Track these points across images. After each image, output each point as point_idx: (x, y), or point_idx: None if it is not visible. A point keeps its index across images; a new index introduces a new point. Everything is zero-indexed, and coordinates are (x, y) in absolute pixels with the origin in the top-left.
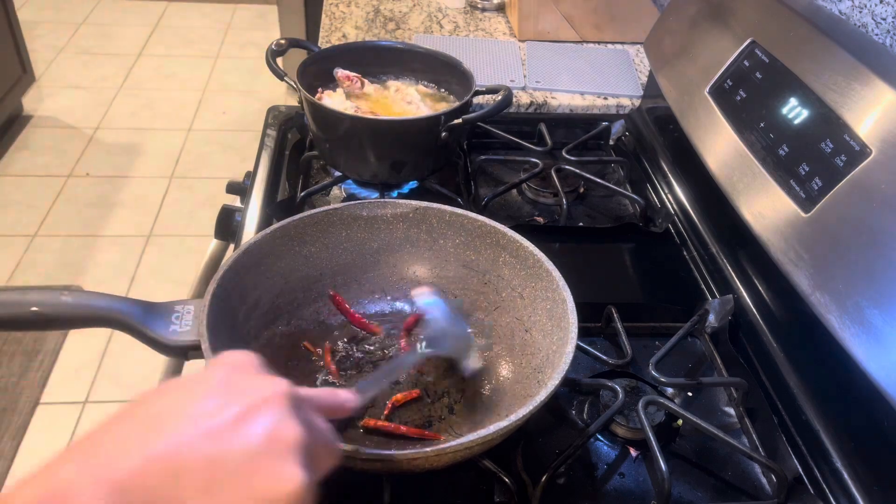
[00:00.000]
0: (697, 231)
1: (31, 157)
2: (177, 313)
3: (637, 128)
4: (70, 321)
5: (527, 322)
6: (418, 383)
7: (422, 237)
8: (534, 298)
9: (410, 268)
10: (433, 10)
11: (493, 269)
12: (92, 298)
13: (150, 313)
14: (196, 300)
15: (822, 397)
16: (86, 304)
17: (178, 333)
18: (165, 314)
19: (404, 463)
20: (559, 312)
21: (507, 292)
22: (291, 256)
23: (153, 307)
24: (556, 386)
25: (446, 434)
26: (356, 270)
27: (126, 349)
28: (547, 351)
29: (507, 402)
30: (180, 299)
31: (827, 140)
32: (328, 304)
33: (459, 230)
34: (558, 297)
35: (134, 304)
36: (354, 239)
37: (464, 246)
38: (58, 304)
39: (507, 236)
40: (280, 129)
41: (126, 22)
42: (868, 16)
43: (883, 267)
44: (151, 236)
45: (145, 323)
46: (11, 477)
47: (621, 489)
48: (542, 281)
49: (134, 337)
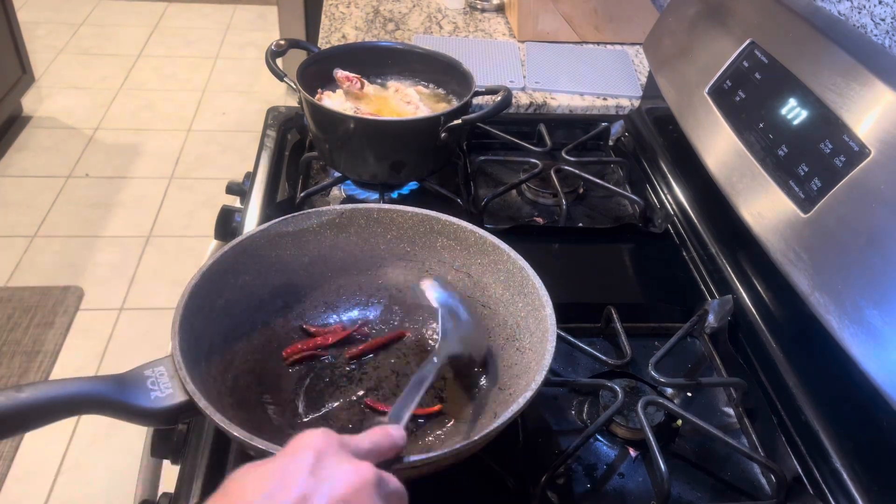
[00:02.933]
0: (697, 231)
1: (30, 158)
2: (150, 378)
3: (636, 128)
4: (37, 419)
5: (482, 298)
6: (399, 384)
7: (351, 240)
8: (482, 274)
9: (345, 274)
10: (433, 10)
11: (432, 255)
12: (56, 387)
13: (125, 386)
14: (164, 359)
15: (822, 397)
16: (51, 395)
17: (162, 399)
18: (139, 382)
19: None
20: (517, 281)
21: (452, 274)
22: (229, 290)
23: (124, 379)
24: (548, 361)
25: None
26: (294, 289)
27: (126, 351)
28: (515, 318)
29: (493, 372)
30: (145, 363)
31: (826, 140)
32: (276, 332)
33: (390, 226)
34: (513, 267)
35: (103, 381)
36: (285, 257)
37: (397, 240)
38: (15, 403)
39: (441, 221)
40: (280, 129)
41: (126, 22)
42: (867, 16)
43: (882, 267)
44: (151, 237)
45: (124, 398)
46: (11, 478)
47: (621, 489)
48: (489, 255)
49: (114, 416)
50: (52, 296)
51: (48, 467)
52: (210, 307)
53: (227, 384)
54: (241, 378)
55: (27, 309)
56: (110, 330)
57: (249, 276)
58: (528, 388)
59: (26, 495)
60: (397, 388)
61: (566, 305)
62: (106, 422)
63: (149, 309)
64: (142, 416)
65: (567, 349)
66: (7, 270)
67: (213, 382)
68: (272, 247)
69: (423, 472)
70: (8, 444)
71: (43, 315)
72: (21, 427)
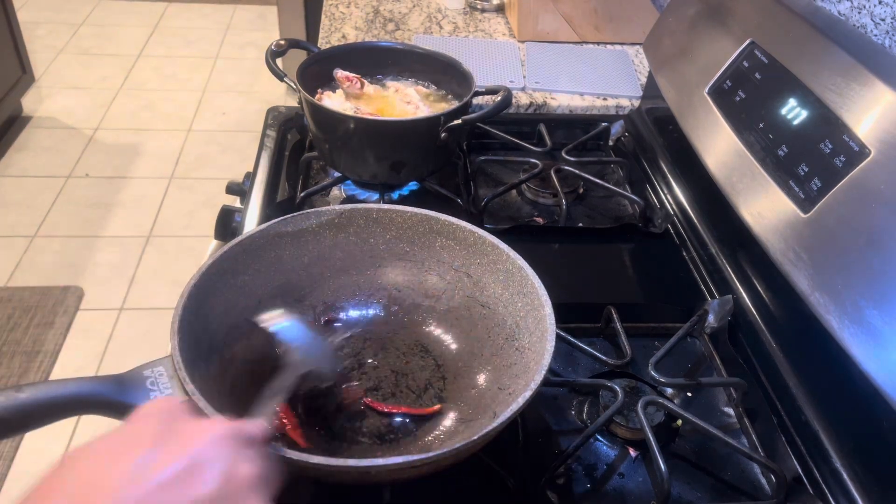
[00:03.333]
0: (697, 231)
1: (30, 158)
2: (150, 378)
3: (636, 128)
4: (37, 419)
5: (481, 298)
6: (398, 384)
7: (351, 240)
8: (482, 274)
9: (344, 274)
10: (433, 10)
11: (431, 255)
12: (55, 388)
13: (124, 386)
14: (163, 359)
15: (822, 397)
16: (51, 395)
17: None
18: (139, 383)
19: (383, 473)
20: (516, 281)
21: (451, 274)
22: (228, 290)
23: (123, 379)
24: (548, 361)
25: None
26: (292, 289)
27: (126, 351)
28: (515, 318)
29: (490, 373)
30: (145, 364)
31: (826, 140)
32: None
33: (389, 226)
34: (512, 267)
35: (102, 381)
36: (284, 257)
37: (396, 240)
38: (15, 404)
39: (440, 221)
40: (280, 129)
41: (126, 22)
42: (867, 16)
43: (882, 267)
44: (151, 237)
45: (123, 398)
46: (11, 478)
47: (621, 489)
48: (488, 255)
49: (113, 417)
50: (52, 296)
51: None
52: (210, 307)
53: (226, 384)
54: (240, 379)
55: (27, 309)
56: (110, 330)
57: (249, 276)
58: (528, 387)
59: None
60: (397, 388)
61: (566, 305)
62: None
63: (149, 309)
64: None
65: (567, 349)
66: (7, 270)
67: (213, 383)
68: (271, 247)
69: (422, 472)
70: (8, 444)
71: (43, 315)
72: (21, 427)
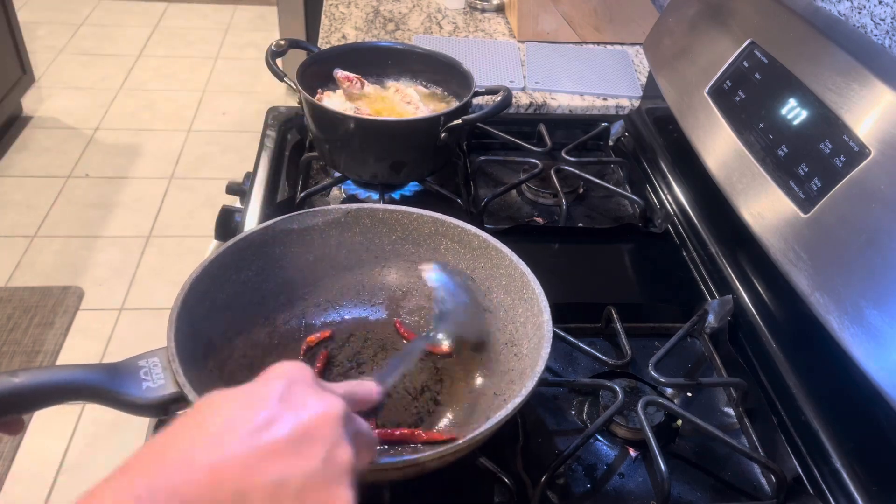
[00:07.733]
0: (697, 231)
1: (30, 158)
2: (144, 368)
3: (636, 128)
4: (31, 403)
5: (484, 301)
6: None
7: (356, 239)
8: (486, 278)
9: (348, 273)
10: (433, 10)
11: (436, 257)
12: (49, 373)
13: (117, 375)
14: (159, 350)
15: (822, 397)
16: (45, 381)
17: (154, 390)
18: (133, 372)
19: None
20: (518, 286)
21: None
22: (231, 285)
23: (117, 368)
24: (542, 365)
25: (438, 427)
26: (296, 286)
27: (126, 351)
28: (515, 324)
29: (487, 378)
30: (141, 353)
31: (826, 141)
32: (277, 329)
33: (395, 226)
34: (514, 272)
35: (96, 369)
36: (288, 255)
37: (401, 241)
38: (10, 388)
39: (446, 223)
40: (280, 129)
41: (126, 23)
42: (867, 16)
43: (882, 267)
44: (151, 237)
45: (115, 387)
46: (11, 478)
47: (621, 489)
48: (492, 259)
49: (105, 405)
50: (52, 296)
51: (48, 467)
52: (211, 301)
53: (224, 378)
54: (239, 373)
55: (27, 309)
56: (110, 330)
57: (252, 272)
58: (518, 394)
59: (26, 495)
60: (393, 389)
61: (566, 305)
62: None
63: (149, 309)
64: (132, 406)
65: (567, 349)
66: (7, 270)
67: (210, 375)
68: (276, 243)
69: (407, 473)
70: (8, 443)
71: (43, 315)
72: (14, 410)
